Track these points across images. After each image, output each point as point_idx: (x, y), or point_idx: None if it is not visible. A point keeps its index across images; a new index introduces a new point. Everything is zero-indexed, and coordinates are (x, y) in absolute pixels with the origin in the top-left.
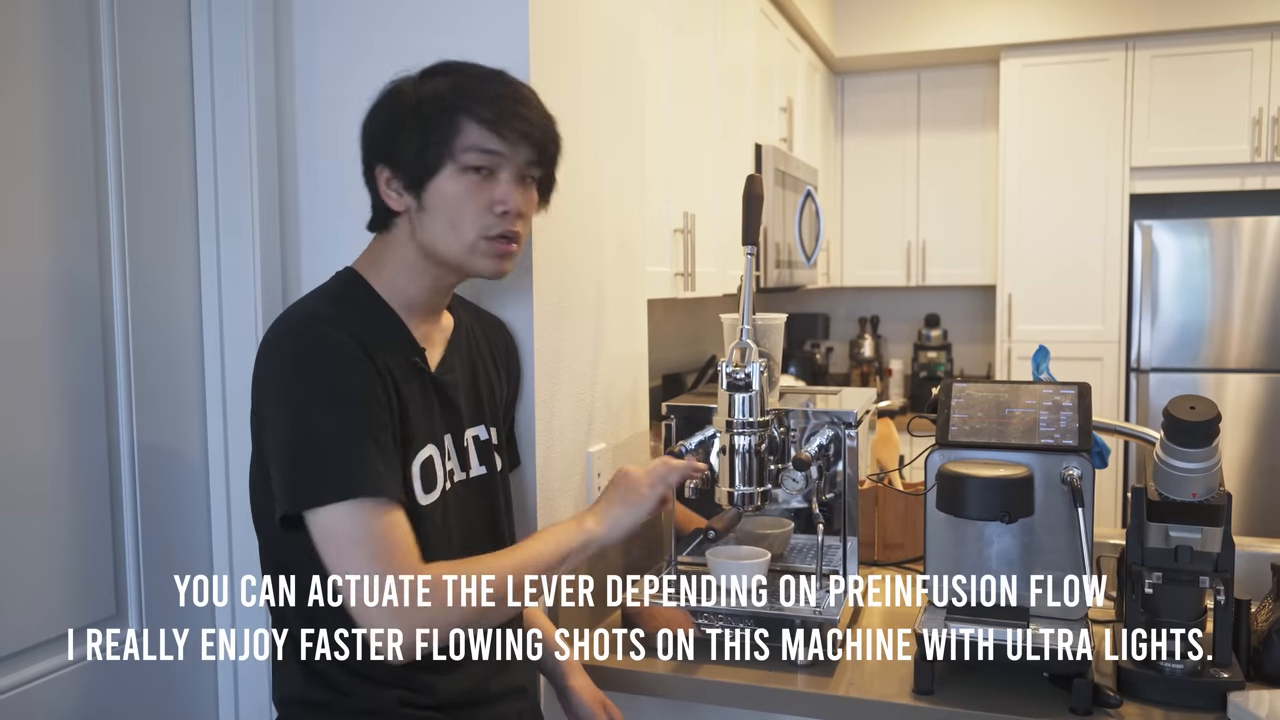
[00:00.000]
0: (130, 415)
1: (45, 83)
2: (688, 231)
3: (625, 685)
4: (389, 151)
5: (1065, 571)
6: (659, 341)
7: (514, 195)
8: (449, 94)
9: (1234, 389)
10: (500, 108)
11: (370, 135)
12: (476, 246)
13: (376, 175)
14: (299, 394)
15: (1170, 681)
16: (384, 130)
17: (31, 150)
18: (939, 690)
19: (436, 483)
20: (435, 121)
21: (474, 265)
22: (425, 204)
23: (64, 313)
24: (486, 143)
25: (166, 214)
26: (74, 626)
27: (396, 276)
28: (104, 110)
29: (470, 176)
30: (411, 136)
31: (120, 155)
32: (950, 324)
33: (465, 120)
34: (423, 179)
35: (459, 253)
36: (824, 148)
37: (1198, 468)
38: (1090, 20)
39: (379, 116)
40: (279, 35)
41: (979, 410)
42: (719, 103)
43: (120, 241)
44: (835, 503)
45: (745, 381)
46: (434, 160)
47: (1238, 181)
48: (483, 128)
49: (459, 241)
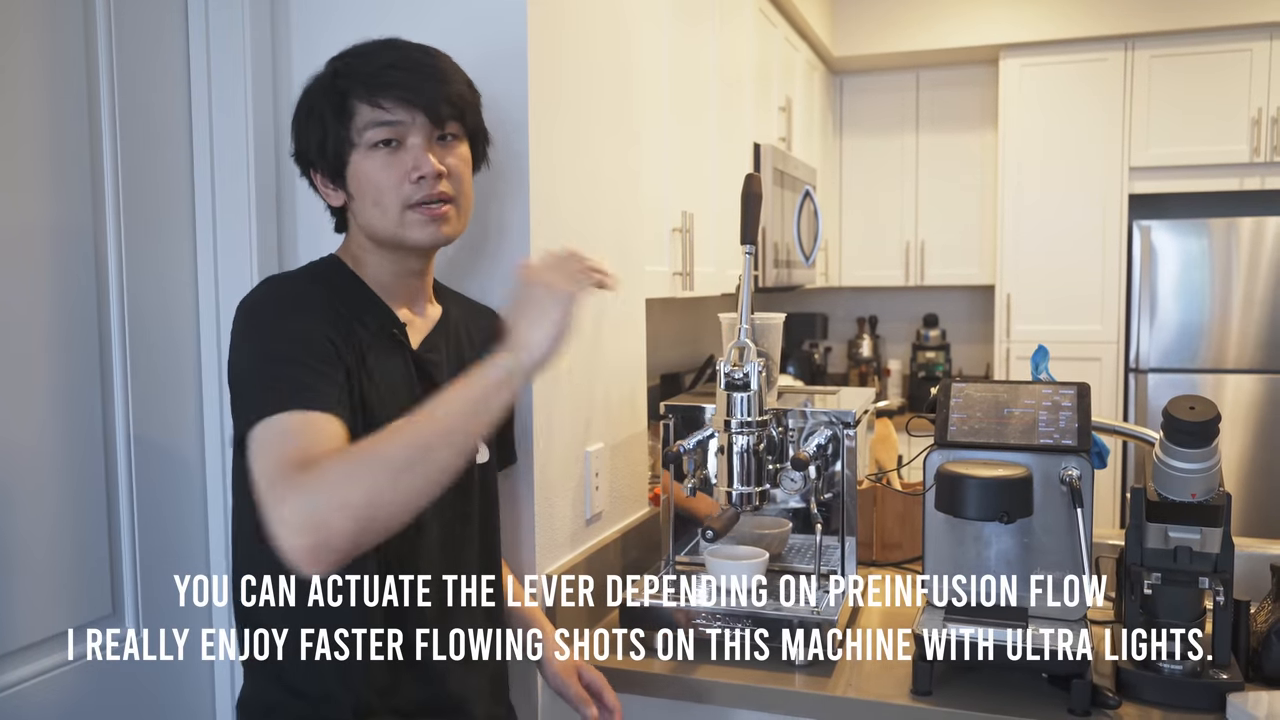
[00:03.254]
0: (127, 413)
1: (42, 74)
2: (686, 231)
3: (624, 685)
4: (306, 153)
5: (1064, 572)
6: (657, 341)
7: (427, 159)
8: (333, 80)
9: (1233, 389)
10: (383, 78)
11: (293, 143)
12: (403, 218)
13: (313, 180)
14: (250, 334)
15: (1169, 682)
16: (296, 134)
17: (27, 141)
18: (937, 691)
19: None
20: (327, 111)
21: (408, 237)
22: (351, 191)
23: (59, 310)
24: (379, 116)
25: (163, 208)
26: (71, 626)
27: (365, 265)
28: (100, 100)
29: (379, 152)
30: (314, 132)
31: (116, 146)
32: (949, 324)
33: (353, 101)
34: (339, 169)
35: (390, 228)
36: (823, 147)
37: (1197, 468)
38: (1089, 20)
39: (292, 123)
40: (275, 24)
41: (978, 410)
42: (717, 102)
43: (117, 237)
44: (834, 503)
45: (744, 381)
46: (339, 148)
47: (1237, 182)
48: (370, 104)
49: (385, 217)
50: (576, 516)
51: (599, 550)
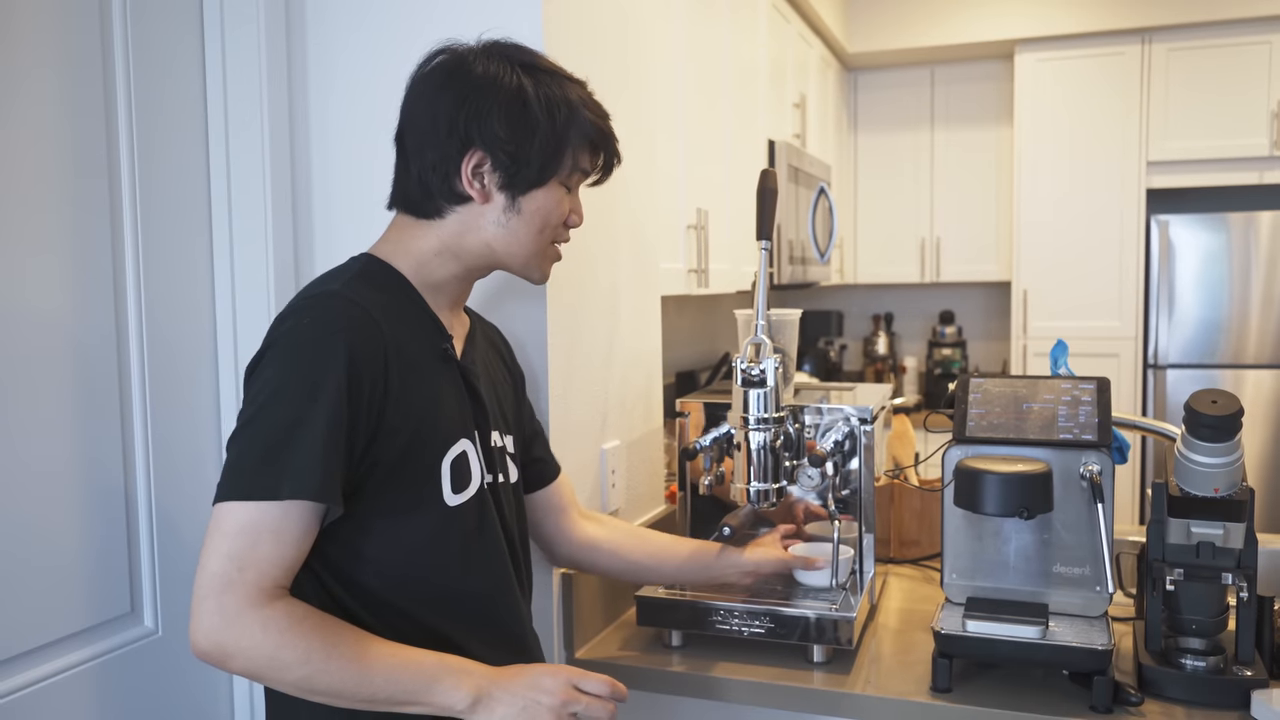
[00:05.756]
0: (145, 414)
1: (60, 96)
2: (701, 228)
3: (642, 683)
4: (499, 143)
5: (1084, 568)
6: (672, 338)
7: (581, 212)
8: (574, 109)
9: (1253, 384)
10: (604, 131)
11: (474, 117)
12: (545, 253)
13: (463, 158)
14: (266, 371)
15: (1192, 679)
16: (505, 122)
17: (47, 164)
18: (957, 688)
19: (471, 481)
20: (564, 134)
21: (532, 270)
22: (521, 208)
23: (78, 319)
24: (591, 167)
25: (180, 223)
26: (89, 624)
27: (427, 263)
28: (118, 115)
29: (562, 190)
30: (539, 141)
31: (134, 167)
32: (965, 321)
33: (581, 140)
34: (530, 185)
35: (526, 257)
36: (837, 144)
37: (1220, 462)
38: (1106, 13)
39: (489, 101)
40: (291, 32)
41: (997, 405)
42: (731, 99)
43: (135, 250)
44: (851, 499)
45: (760, 377)
46: (550, 171)
47: (1256, 175)
48: (593, 153)
49: (533, 246)
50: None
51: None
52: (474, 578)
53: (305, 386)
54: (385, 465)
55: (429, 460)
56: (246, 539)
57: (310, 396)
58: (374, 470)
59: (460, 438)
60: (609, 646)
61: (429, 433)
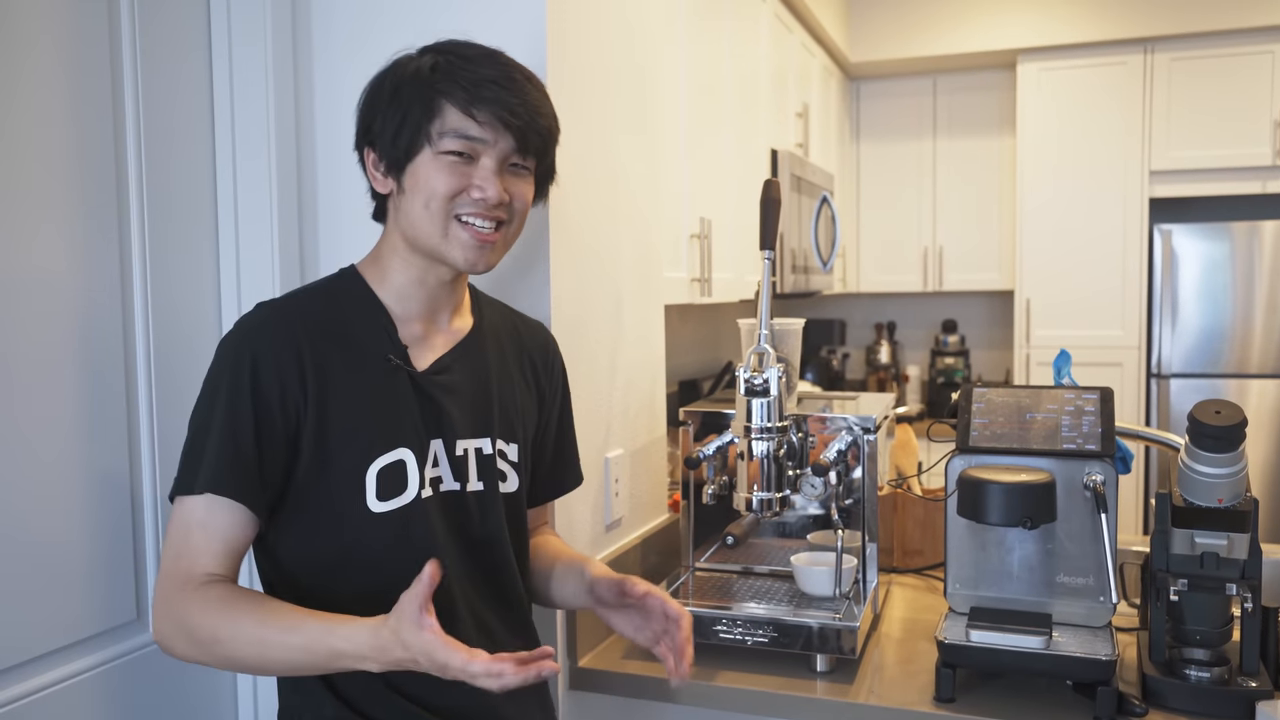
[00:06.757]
0: (151, 421)
1: (67, 88)
2: (704, 237)
3: (643, 692)
4: (372, 133)
5: (1088, 578)
6: (675, 347)
7: (494, 184)
8: (429, 74)
9: (1256, 394)
10: (481, 91)
11: (359, 116)
12: (449, 229)
13: (364, 157)
14: (204, 384)
15: (1196, 690)
16: (368, 111)
17: (53, 160)
18: (961, 698)
19: (406, 489)
20: (413, 103)
21: (447, 253)
22: (404, 186)
23: (85, 321)
24: (464, 128)
25: (186, 220)
26: (95, 631)
27: (389, 269)
28: (125, 117)
29: (449, 159)
30: (391, 118)
31: (141, 161)
32: (968, 330)
33: (444, 102)
34: (402, 161)
35: (433, 236)
36: (840, 153)
37: (1224, 473)
38: (1108, 23)
39: (366, 96)
40: (297, 43)
41: (1000, 415)
42: (734, 108)
43: (141, 254)
44: (854, 508)
45: (763, 386)
46: (411, 143)
47: (1259, 185)
48: (461, 112)
49: (432, 223)
50: (596, 522)
51: (619, 556)
52: (402, 585)
53: (213, 390)
54: (306, 467)
55: (350, 466)
56: (180, 532)
57: (215, 400)
58: (295, 471)
59: (398, 446)
60: (612, 656)
61: (352, 439)
